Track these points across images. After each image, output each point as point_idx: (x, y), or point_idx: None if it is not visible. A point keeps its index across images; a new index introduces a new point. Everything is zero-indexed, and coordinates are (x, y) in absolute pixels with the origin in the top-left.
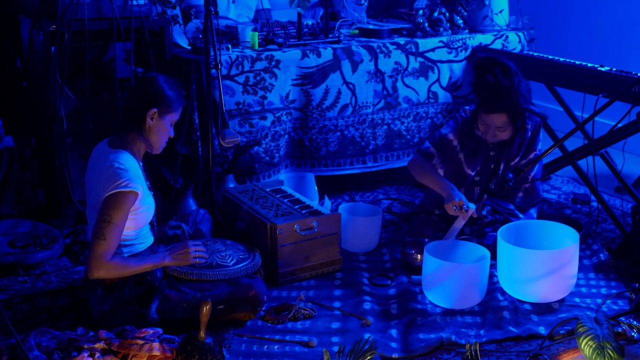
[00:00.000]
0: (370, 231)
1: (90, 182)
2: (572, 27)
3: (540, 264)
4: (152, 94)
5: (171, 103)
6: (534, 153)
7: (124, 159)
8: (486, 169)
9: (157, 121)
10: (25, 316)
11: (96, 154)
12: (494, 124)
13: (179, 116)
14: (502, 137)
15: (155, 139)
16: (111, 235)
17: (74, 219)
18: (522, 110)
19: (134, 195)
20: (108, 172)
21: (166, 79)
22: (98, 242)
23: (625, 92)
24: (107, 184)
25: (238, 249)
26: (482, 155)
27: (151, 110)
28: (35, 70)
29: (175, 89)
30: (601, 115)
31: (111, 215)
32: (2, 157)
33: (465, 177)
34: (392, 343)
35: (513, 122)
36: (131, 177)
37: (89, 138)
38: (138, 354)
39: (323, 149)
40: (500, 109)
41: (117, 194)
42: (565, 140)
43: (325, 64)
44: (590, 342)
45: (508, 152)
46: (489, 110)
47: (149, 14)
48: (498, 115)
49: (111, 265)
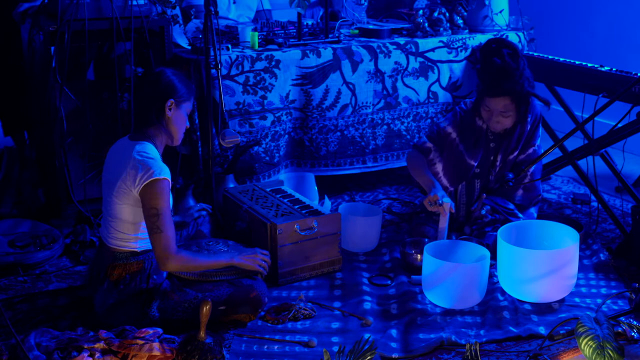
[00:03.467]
0: (370, 231)
1: (112, 174)
2: (572, 27)
3: (540, 264)
4: (165, 86)
5: (184, 92)
6: (533, 148)
7: (149, 149)
8: (486, 161)
9: (175, 111)
10: (25, 316)
11: (117, 149)
12: (497, 109)
13: (192, 106)
14: (505, 123)
15: (175, 129)
16: (165, 226)
17: (74, 219)
18: (526, 94)
19: (168, 181)
20: (136, 162)
21: (173, 71)
22: (156, 237)
23: (625, 92)
24: (139, 174)
25: (240, 250)
26: (482, 146)
27: (169, 101)
28: (35, 70)
29: (185, 80)
30: (601, 115)
31: (156, 207)
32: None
33: (468, 168)
34: (392, 343)
35: (517, 107)
36: (161, 166)
37: (89, 138)
38: (138, 354)
39: (323, 149)
40: (506, 92)
41: (152, 184)
42: (565, 140)
43: (325, 64)
44: (590, 342)
45: (507, 145)
46: (494, 94)
47: (149, 14)
48: (502, 99)
49: (180, 257)
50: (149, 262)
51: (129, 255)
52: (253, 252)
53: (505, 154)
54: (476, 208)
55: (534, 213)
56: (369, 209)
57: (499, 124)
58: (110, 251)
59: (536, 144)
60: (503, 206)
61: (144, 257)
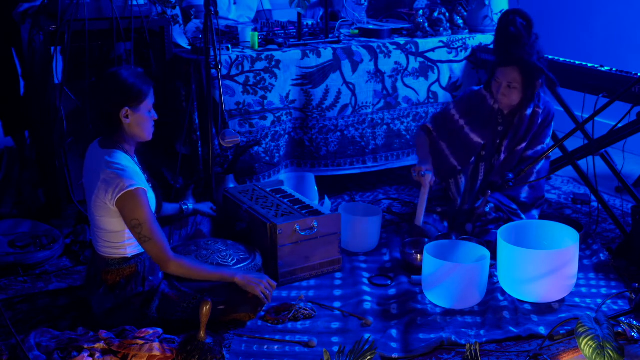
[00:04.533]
0: (370, 231)
1: (89, 184)
2: (572, 27)
3: (540, 264)
4: (117, 92)
5: (139, 93)
6: (542, 146)
7: (118, 158)
8: (492, 144)
9: (133, 116)
10: (25, 316)
11: (90, 156)
12: (506, 80)
13: (153, 98)
14: (512, 98)
15: (139, 131)
16: (152, 233)
17: (74, 219)
18: (535, 68)
19: (143, 189)
20: (106, 176)
21: (125, 70)
22: (146, 246)
23: (625, 92)
24: (111, 188)
25: (239, 249)
26: (491, 127)
27: (123, 110)
28: (35, 70)
29: (136, 76)
30: (601, 115)
31: (136, 217)
32: (2, 157)
33: (474, 146)
34: (392, 343)
35: (524, 81)
36: (132, 175)
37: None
38: (138, 354)
39: (323, 149)
40: (515, 60)
41: (126, 196)
42: (565, 140)
43: (325, 64)
44: (590, 342)
45: (515, 132)
46: (504, 62)
47: (149, 14)
48: (512, 70)
49: (179, 263)
50: (141, 264)
51: (120, 261)
52: (260, 277)
53: (512, 141)
54: (480, 205)
55: (536, 215)
56: (369, 209)
57: (505, 97)
58: (102, 258)
59: (545, 143)
60: (507, 206)
61: (135, 261)
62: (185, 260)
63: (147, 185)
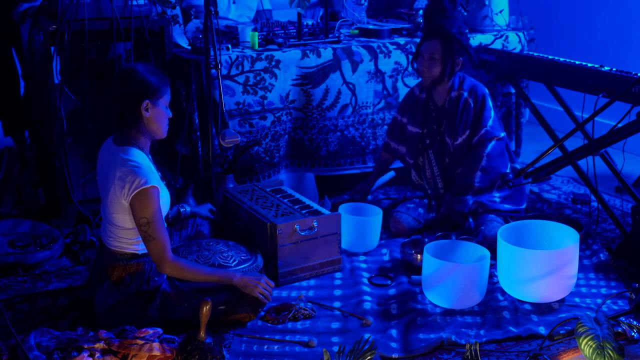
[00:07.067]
0: (370, 231)
1: (103, 181)
2: (572, 27)
3: (540, 264)
4: (137, 86)
5: (158, 87)
6: (485, 129)
7: (134, 155)
8: (432, 131)
9: (153, 110)
10: (25, 316)
11: (104, 153)
12: (427, 53)
13: (170, 96)
14: (433, 71)
15: (157, 127)
16: (157, 233)
17: (74, 219)
18: (453, 38)
19: (157, 189)
20: (123, 172)
21: (144, 66)
22: (149, 244)
23: (625, 92)
24: (126, 185)
25: (240, 250)
26: (422, 114)
27: (144, 103)
28: (35, 70)
29: (156, 72)
30: (601, 115)
31: (146, 215)
32: (2, 157)
33: (413, 135)
34: (392, 343)
35: (444, 52)
36: (147, 173)
37: (89, 138)
38: (138, 354)
39: (323, 149)
40: (436, 30)
41: (140, 193)
42: (565, 140)
43: (325, 64)
44: (590, 342)
45: (451, 118)
46: (427, 36)
47: (149, 14)
48: (434, 43)
49: (177, 265)
50: (149, 264)
51: (129, 257)
52: (258, 278)
53: (451, 127)
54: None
55: (496, 197)
56: (369, 209)
57: (427, 69)
58: (111, 252)
59: (487, 125)
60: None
61: (144, 260)
62: (182, 262)
63: (162, 183)
